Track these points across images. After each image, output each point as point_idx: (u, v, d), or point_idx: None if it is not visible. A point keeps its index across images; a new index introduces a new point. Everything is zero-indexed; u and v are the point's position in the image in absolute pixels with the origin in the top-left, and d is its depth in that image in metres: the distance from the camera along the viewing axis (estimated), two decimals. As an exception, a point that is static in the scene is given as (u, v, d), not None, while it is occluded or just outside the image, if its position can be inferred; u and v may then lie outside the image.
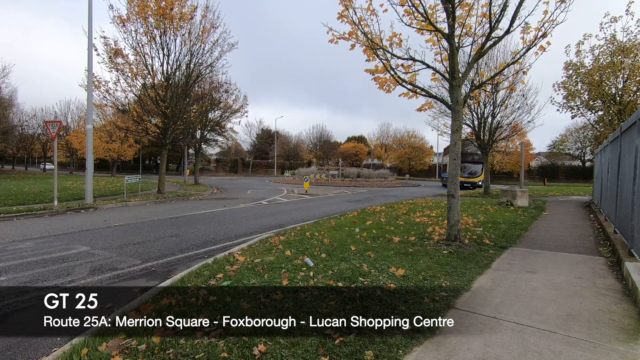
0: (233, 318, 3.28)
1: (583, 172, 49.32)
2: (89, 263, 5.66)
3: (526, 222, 9.92)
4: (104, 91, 16.21)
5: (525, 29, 6.54)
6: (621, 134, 6.75)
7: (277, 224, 9.91)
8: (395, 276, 4.63)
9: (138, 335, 2.95)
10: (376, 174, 40.35)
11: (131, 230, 8.60)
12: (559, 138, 54.91)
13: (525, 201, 14.43)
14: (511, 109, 20.61)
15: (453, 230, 6.77)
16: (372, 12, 6.92)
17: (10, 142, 42.73)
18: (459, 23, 6.79)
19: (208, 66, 18.31)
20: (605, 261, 5.72)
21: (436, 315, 3.46)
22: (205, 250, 6.70)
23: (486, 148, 21.19)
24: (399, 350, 2.79)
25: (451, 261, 5.47)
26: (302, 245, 6.36)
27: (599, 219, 10.05)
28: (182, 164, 44.48)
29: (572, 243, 7.17)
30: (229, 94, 28.66)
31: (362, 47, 7.14)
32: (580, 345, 2.92)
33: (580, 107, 17.63)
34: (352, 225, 8.82)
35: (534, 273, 5.02)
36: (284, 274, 4.60)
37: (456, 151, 6.87)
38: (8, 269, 5.25)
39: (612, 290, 4.32)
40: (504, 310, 3.66)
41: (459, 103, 6.79)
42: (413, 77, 7.30)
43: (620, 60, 15.19)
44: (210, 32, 17.34)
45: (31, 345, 3.09)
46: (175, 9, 16.07)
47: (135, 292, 4.39)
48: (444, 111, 21.22)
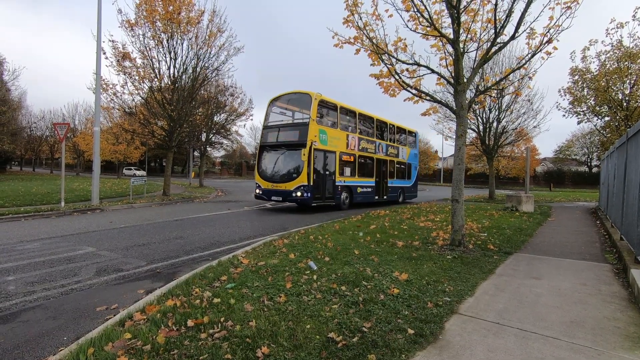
0: (237, 320, 3.31)
1: (589, 178, 48.87)
2: (95, 264, 5.72)
3: (531, 227, 9.85)
4: (112, 94, 16.41)
5: (531, 34, 6.56)
6: (627, 140, 6.71)
7: (281, 227, 9.93)
8: (399, 280, 4.63)
9: (143, 336, 2.99)
10: (380, 178, 40.20)
11: (136, 231, 8.67)
12: (565, 143, 54.59)
13: (530, 207, 14.34)
14: (517, 114, 20.58)
15: (457, 235, 6.76)
16: (378, 17, 6.97)
17: (19, 144, 43.30)
18: (464, 28, 6.81)
19: (214, 70, 18.46)
20: (611, 268, 5.67)
21: (439, 320, 3.47)
22: (209, 252, 6.74)
23: (491, 153, 21.11)
24: (402, 354, 2.80)
25: (455, 266, 5.46)
26: (305, 249, 6.38)
27: (605, 226, 9.96)
28: (187, 167, 44.72)
29: (578, 249, 7.11)
30: (235, 97, 28.92)
31: (367, 52, 7.19)
32: (585, 352, 2.91)
33: (587, 112, 17.54)
34: (356, 229, 8.83)
35: (538, 279, 4.99)
36: (287, 277, 4.62)
37: (461, 156, 6.87)
38: (16, 269, 5.33)
39: (617, 297, 4.29)
40: (507, 316, 3.64)
41: (463, 108, 6.80)
42: (418, 81, 7.33)
43: (627, 66, 15.11)
44: (217, 36, 17.51)
45: (38, 344, 3.14)
46: (183, 13, 16.26)
47: (141, 293, 4.44)
48: (448, 116, 21.23)
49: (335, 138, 14.27)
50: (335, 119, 14.74)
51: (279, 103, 15.17)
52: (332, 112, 14.81)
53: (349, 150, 15.08)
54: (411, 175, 21.10)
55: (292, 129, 14.02)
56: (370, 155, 16.71)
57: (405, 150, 20.39)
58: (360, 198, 15.95)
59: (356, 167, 15.54)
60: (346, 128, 15.39)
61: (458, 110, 6.86)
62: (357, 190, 15.64)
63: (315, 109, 13.17)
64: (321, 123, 13.71)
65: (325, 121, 14.37)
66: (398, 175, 19.49)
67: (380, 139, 17.96)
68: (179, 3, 16.02)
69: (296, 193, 12.85)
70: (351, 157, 15.29)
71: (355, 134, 15.66)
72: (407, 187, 20.65)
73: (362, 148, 16.05)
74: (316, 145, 13.03)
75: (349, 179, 15.15)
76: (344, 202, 14.95)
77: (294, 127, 14.17)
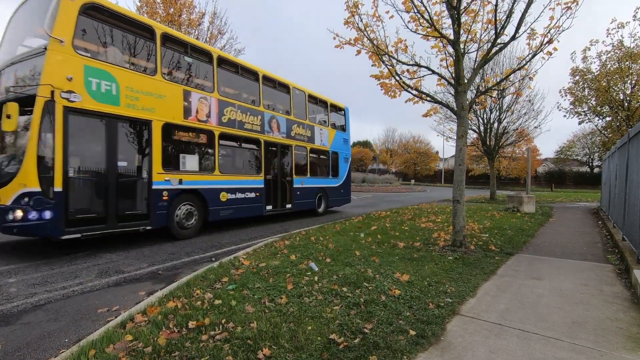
0: (238, 321, 3.31)
1: (591, 178, 48.78)
2: (96, 266, 5.72)
3: (533, 228, 9.84)
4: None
5: (531, 34, 6.56)
6: (629, 140, 6.69)
7: (282, 228, 9.93)
8: (400, 281, 4.62)
9: (144, 337, 2.98)
10: (381, 179, 40.34)
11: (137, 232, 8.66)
12: (566, 144, 54.54)
13: (532, 207, 14.31)
14: (517, 115, 20.60)
15: (458, 236, 6.75)
16: (378, 18, 6.98)
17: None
18: (464, 29, 6.82)
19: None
20: (613, 268, 5.66)
21: (441, 321, 3.46)
22: (210, 253, 6.74)
23: (492, 153, 21.10)
24: (403, 356, 2.79)
25: (456, 267, 5.45)
26: (306, 250, 6.38)
27: (607, 226, 9.93)
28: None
29: (579, 250, 7.10)
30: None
31: (367, 53, 7.20)
32: (587, 353, 2.89)
33: (588, 113, 17.56)
34: (357, 230, 8.82)
35: (540, 280, 4.97)
36: (288, 278, 4.62)
37: (462, 157, 6.87)
38: (17, 271, 5.33)
39: (619, 298, 4.27)
40: (509, 317, 3.63)
41: (464, 109, 6.80)
42: (418, 82, 7.34)
43: (627, 66, 15.11)
44: (218, 38, 17.58)
45: (39, 346, 3.14)
46: (184, 15, 16.34)
47: (142, 294, 4.44)
48: (449, 116, 21.22)
49: (149, 94, 7.30)
50: (152, 54, 7.60)
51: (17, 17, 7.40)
52: (145, 43, 7.55)
53: (191, 122, 8.23)
54: (338, 170, 14.43)
55: (18, 66, 6.49)
56: (250, 136, 10.02)
57: (327, 133, 13.72)
58: (229, 211, 9.25)
59: (216, 154, 8.88)
60: (188, 81, 8.50)
61: (459, 110, 6.86)
62: (219, 197, 8.96)
63: (67, 20, 6.10)
64: (100, 55, 6.76)
65: (117, 55, 7.10)
66: (314, 171, 12.98)
67: (276, 111, 11.29)
68: (180, 5, 16.10)
69: (11, 214, 5.70)
70: (202, 136, 8.62)
71: (212, 95, 8.83)
72: (331, 188, 13.90)
73: (229, 121, 9.26)
74: (72, 101, 6.02)
75: (197, 177, 8.37)
76: (183, 224, 8.04)
77: (22, 62, 6.44)
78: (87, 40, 6.60)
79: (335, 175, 14.18)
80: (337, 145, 14.30)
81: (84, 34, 6.50)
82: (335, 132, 14.22)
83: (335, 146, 14.17)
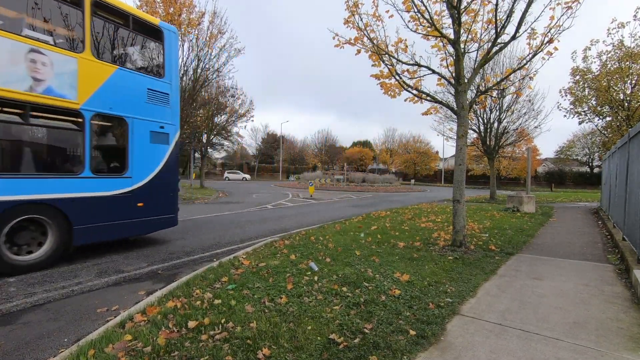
0: (238, 321, 3.30)
1: (591, 178, 48.78)
2: (96, 265, 5.71)
3: (533, 228, 9.83)
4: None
5: (532, 34, 6.55)
6: (629, 140, 6.68)
7: (282, 228, 9.92)
8: (400, 281, 4.61)
9: (144, 337, 2.98)
10: (381, 179, 40.31)
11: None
12: (566, 144, 54.52)
13: (532, 207, 14.31)
14: (517, 114, 20.57)
15: (458, 236, 6.74)
16: (378, 18, 6.97)
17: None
18: (464, 29, 6.81)
19: (215, 71, 18.54)
20: (613, 268, 5.65)
21: (441, 321, 3.45)
22: (210, 253, 6.73)
23: (492, 153, 21.08)
24: (403, 356, 2.78)
25: (456, 267, 5.44)
26: (306, 250, 6.37)
27: (607, 226, 9.92)
28: (188, 168, 44.72)
29: (580, 250, 7.09)
30: (235, 98, 28.94)
31: (367, 53, 7.19)
32: (588, 353, 2.89)
33: (588, 112, 17.53)
34: (357, 230, 8.81)
35: (540, 280, 4.97)
36: (288, 278, 4.61)
37: (462, 156, 6.86)
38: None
39: (620, 298, 4.26)
40: (509, 317, 3.62)
41: (464, 108, 6.79)
42: (418, 82, 7.32)
43: (628, 66, 15.09)
44: (218, 38, 17.59)
45: (39, 346, 3.13)
46: (184, 15, 16.33)
47: (142, 294, 4.44)
48: (449, 116, 21.20)
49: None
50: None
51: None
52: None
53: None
54: (126, 158, 6.63)
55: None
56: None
57: (80, 69, 5.75)
58: None
59: None
60: None
61: (459, 110, 6.85)
62: None
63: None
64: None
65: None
66: (56, 163, 5.98)
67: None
68: (180, 5, 16.08)
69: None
70: None
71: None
72: (87, 200, 5.94)
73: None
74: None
75: None
76: None
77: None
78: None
79: (122, 170, 6.63)
80: (128, 104, 6.64)
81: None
82: (123, 73, 6.56)
83: (120, 104, 6.49)
